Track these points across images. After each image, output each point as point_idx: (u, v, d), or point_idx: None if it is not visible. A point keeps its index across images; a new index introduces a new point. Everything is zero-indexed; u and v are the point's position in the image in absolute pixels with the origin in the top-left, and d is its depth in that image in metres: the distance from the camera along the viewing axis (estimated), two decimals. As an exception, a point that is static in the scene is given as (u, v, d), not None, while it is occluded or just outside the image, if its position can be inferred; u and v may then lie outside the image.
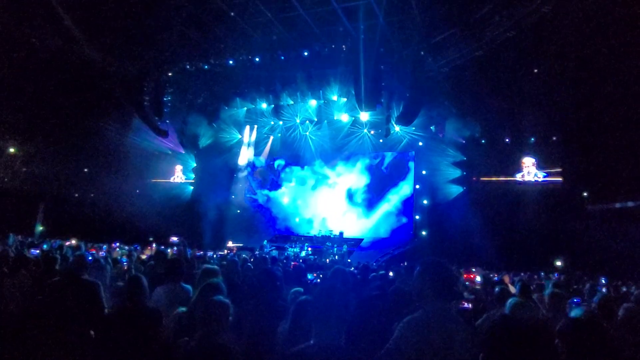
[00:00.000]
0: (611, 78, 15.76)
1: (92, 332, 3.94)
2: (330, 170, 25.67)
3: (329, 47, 18.71)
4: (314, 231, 22.30)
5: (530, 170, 20.89)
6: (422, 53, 17.08)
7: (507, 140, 20.66)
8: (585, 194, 19.23)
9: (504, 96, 18.65)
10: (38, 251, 8.57)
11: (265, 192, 26.78)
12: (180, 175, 26.71)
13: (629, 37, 14.29)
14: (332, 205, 25.13)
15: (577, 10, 13.90)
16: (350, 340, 2.77)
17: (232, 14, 16.97)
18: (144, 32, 18.42)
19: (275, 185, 26.71)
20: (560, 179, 19.98)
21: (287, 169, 26.68)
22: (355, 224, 24.24)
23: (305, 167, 26.13)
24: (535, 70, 17.90)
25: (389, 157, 24.65)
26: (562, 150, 19.63)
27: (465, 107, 19.81)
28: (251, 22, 17.75)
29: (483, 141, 20.83)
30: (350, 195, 25.13)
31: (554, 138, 19.86)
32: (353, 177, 25.34)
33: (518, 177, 20.96)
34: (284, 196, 26.30)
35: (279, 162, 26.87)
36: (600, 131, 17.27)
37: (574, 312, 3.74)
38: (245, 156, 26.28)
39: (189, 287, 4.48)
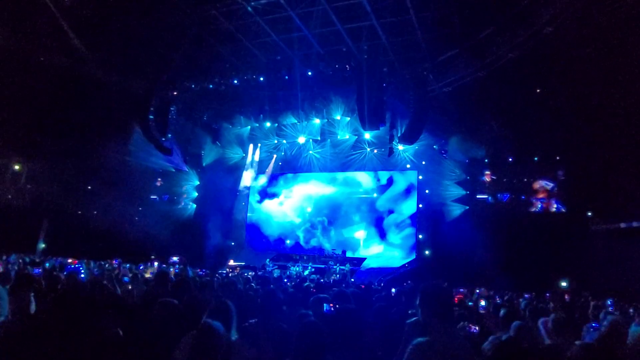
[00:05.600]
0: (615, 96, 15.76)
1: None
2: (343, 180, 23.69)
3: (332, 67, 18.92)
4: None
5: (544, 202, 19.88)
6: (425, 73, 17.24)
7: (510, 159, 20.61)
8: (589, 214, 19.08)
9: (507, 116, 18.71)
10: (40, 269, 8.49)
11: (256, 198, 25.88)
12: (186, 194, 26.53)
13: (633, 56, 14.34)
14: (351, 236, 22.51)
15: (580, 30, 14.00)
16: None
17: (238, 34, 17.24)
18: (151, 52, 18.70)
19: (271, 194, 25.75)
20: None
21: (290, 175, 25.41)
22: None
23: (311, 175, 24.45)
24: (538, 90, 17.98)
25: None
26: (566, 170, 19.57)
27: (468, 127, 19.88)
28: (256, 42, 18.02)
29: (486, 160, 20.83)
30: (381, 230, 22.09)
31: (557, 158, 19.81)
32: (387, 200, 22.44)
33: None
34: (281, 210, 25.04)
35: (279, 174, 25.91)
36: (604, 150, 17.19)
37: (589, 338, 3.67)
38: (248, 176, 26.11)
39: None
